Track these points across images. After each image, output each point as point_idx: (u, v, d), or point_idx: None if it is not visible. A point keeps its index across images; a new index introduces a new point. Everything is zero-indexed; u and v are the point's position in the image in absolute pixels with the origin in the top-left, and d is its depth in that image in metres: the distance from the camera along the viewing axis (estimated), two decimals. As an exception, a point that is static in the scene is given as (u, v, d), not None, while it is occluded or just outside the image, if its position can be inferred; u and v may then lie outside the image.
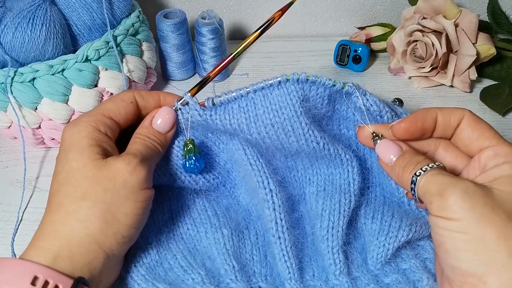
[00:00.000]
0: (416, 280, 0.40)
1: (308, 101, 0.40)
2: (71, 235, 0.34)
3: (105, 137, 0.38)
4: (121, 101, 0.40)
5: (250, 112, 0.40)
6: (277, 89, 0.39)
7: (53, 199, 0.36)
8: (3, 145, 0.60)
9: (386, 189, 0.44)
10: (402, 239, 0.41)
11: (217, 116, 0.41)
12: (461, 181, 0.32)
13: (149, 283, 0.39)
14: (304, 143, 0.40)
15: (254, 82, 0.40)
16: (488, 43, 0.63)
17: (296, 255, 0.40)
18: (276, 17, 0.40)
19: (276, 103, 0.39)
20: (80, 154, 0.36)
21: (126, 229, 0.36)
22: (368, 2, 0.79)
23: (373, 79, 0.70)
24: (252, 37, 0.40)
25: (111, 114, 0.39)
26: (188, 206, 0.45)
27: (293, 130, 0.39)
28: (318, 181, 0.44)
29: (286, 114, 0.39)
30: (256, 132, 0.40)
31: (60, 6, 0.54)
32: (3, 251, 0.47)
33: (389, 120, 0.41)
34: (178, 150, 0.42)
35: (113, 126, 0.39)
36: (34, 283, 0.31)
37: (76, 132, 0.37)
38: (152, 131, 0.40)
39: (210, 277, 0.39)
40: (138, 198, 0.36)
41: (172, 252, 0.42)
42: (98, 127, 0.38)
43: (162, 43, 0.67)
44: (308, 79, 0.39)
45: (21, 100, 0.52)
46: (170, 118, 0.41)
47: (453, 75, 0.66)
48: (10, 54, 0.51)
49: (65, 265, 0.33)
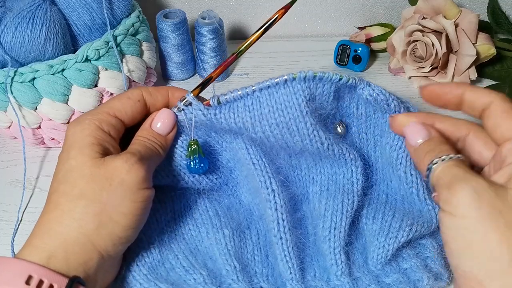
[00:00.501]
0: (416, 280, 0.40)
1: (314, 100, 0.39)
2: (67, 234, 0.34)
3: (108, 137, 0.38)
4: (128, 99, 0.40)
5: (256, 111, 0.39)
6: (283, 88, 0.38)
7: (51, 197, 0.36)
8: (3, 145, 0.60)
9: (391, 184, 0.44)
10: (402, 239, 0.40)
11: (222, 115, 0.41)
12: (474, 178, 0.31)
13: (151, 283, 0.39)
14: (308, 143, 0.40)
15: (254, 82, 0.40)
16: (488, 43, 0.63)
17: (298, 255, 0.40)
18: (279, 15, 0.40)
19: (282, 102, 0.38)
20: (80, 152, 0.36)
21: (122, 230, 0.35)
22: (368, 2, 0.79)
23: (373, 79, 0.70)
24: (255, 36, 0.40)
25: (116, 113, 0.39)
26: (190, 207, 0.45)
27: (298, 130, 0.39)
28: (321, 181, 0.44)
29: (291, 113, 0.39)
30: (260, 131, 0.40)
31: (60, 6, 0.54)
32: (3, 251, 0.47)
33: (396, 108, 0.41)
34: (181, 151, 0.42)
35: (117, 125, 0.39)
36: (29, 283, 0.31)
37: (79, 130, 0.37)
38: (152, 133, 0.40)
39: (212, 278, 0.39)
40: (136, 198, 0.36)
41: (174, 252, 0.42)
42: (102, 126, 0.37)
43: (162, 43, 0.67)
44: (315, 75, 0.38)
45: (21, 100, 0.52)
46: (170, 120, 0.40)
47: (453, 75, 0.65)
48: (10, 54, 0.51)
49: (60, 264, 0.33)
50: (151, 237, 0.42)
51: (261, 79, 0.40)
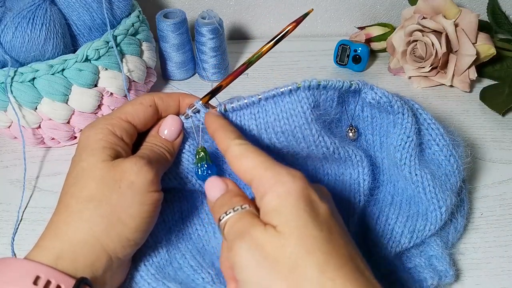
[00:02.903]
0: (420, 279, 0.40)
1: (319, 107, 0.39)
2: (75, 236, 0.34)
3: (121, 141, 0.38)
4: (140, 105, 0.40)
5: (261, 119, 0.39)
6: (288, 96, 0.38)
7: (62, 199, 0.36)
8: (3, 145, 0.60)
9: (398, 185, 0.44)
10: (404, 245, 0.41)
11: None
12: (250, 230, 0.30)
13: (159, 282, 0.39)
14: (314, 149, 0.40)
15: (254, 82, 0.40)
16: (488, 43, 0.63)
17: None
18: (290, 28, 0.40)
19: (287, 110, 0.38)
20: (92, 155, 0.36)
21: (131, 232, 0.36)
22: (368, 2, 0.79)
23: (373, 79, 0.70)
24: (266, 47, 0.40)
25: (129, 118, 0.39)
26: (196, 207, 0.45)
27: (303, 137, 0.39)
28: (328, 181, 0.44)
29: (296, 122, 0.39)
30: (266, 138, 0.40)
31: (60, 6, 0.54)
32: (3, 251, 0.47)
33: (399, 109, 0.41)
34: (188, 155, 0.42)
35: (130, 130, 0.39)
36: (36, 283, 0.31)
37: (92, 134, 0.37)
38: (159, 139, 0.40)
39: (220, 277, 0.39)
40: (145, 200, 0.36)
41: (181, 251, 0.42)
42: (114, 131, 0.38)
43: (162, 43, 0.67)
44: (319, 84, 0.39)
45: (21, 100, 0.52)
46: (176, 126, 0.41)
47: (453, 75, 0.66)
48: (10, 54, 0.51)
49: (67, 265, 0.33)
50: (158, 236, 0.42)
51: (261, 79, 0.40)
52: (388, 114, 0.42)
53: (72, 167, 0.37)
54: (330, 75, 0.71)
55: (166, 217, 0.44)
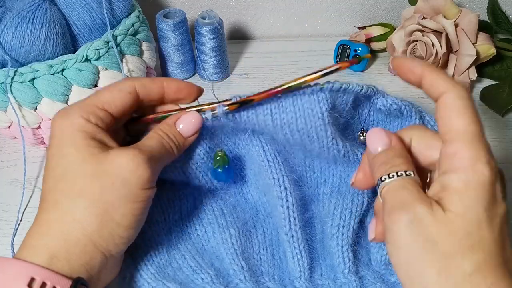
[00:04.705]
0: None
1: (334, 109, 0.39)
2: (68, 235, 0.33)
3: (98, 128, 0.35)
4: (119, 91, 0.37)
5: (278, 115, 0.39)
6: (308, 96, 0.38)
7: (48, 196, 0.34)
8: (3, 145, 0.60)
9: None
10: None
11: (243, 119, 0.40)
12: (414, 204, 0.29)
13: (159, 282, 0.39)
14: (325, 150, 0.40)
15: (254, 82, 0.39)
16: (488, 43, 0.63)
17: (309, 253, 0.41)
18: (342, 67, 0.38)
19: (305, 109, 0.38)
20: (76, 149, 0.34)
21: (123, 230, 0.34)
22: (368, 2, 0.79)
23: (373, 79, 0.70)
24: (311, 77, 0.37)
25: (105, 106, 0.36)
26: (196, 206, 0.45)
27: (317, 137, 0.39)
28: (333, 182, 0.44)
29: (313, 121, 0.38)
30: (281, 134, 0.40)
31: (60, 6, 0.54)
32: (3, 251, 0.47)
33: (408, 113, 0.41)
34: (201, 149, 0.41)
35: (106, 119, 0.36)
36: (31, 285, 0.29)
37: (68, 125, 0.35)
38: (174, 131, 0.38)
39: (219, 277, 0.39)
40: (137, 198, 0.34)
41: (181, 252, 0.42)
42: (89, 119, 0.35)
43: (162, 43, 0.67)
44: (341, 87, 0.38)
45: (21, 100, 0.52)
46: (196, 124, 0.39)
47: (453, 75, 0.65)
48: (10, 54, 0.51)
49: (62, 265, 0.32)
50: (159, 236, 0.42)
51: (261, 79, 0.39)
52: (395, 118, 0.43)
53: (53, 160, 0.34)
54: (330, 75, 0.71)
55: (167, 216, 0.43)
